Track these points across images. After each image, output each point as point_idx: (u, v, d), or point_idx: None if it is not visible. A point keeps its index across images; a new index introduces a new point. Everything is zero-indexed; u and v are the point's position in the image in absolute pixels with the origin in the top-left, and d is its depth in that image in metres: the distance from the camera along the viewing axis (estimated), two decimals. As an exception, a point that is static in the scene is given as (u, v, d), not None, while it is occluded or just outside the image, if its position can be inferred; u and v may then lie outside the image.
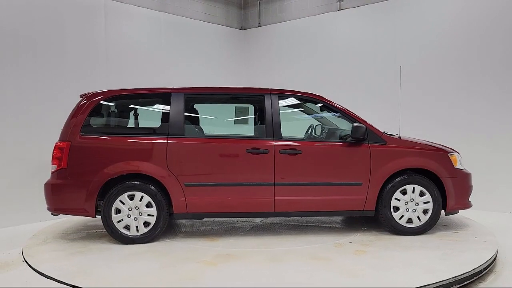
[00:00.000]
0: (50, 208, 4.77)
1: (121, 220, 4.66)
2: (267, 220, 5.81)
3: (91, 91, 5.00)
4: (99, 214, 4.73)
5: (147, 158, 4.69)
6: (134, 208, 4.66)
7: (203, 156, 4.76)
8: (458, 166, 5.04)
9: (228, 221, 5.76)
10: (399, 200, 4.89)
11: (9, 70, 6.11)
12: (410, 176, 4.88)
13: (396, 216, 4.89)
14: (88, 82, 6.46)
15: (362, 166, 4.84)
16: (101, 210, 4.69)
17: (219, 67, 8.99)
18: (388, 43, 7.66)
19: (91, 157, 4.68)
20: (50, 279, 3.76)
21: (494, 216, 6.22)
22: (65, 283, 3.64)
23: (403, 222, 4.90)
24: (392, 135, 5.12)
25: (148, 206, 4.68)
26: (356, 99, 7.52)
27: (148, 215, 4.68)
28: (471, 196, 5.11)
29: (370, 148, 4.86)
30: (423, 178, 4.89)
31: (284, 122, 4.91)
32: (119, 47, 7.35)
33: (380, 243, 4.63)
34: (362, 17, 8.02)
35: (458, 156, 5.13)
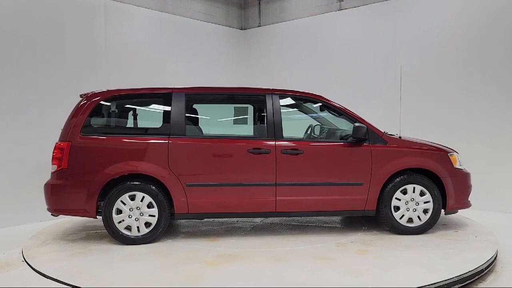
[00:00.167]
0: (50, 208, 4.74)
1: (122, 220, 4.64)
2: (267, 220, 5.81)
3: (91, 91, 4.97)
4: (99, 214, 4.71)
5: (148, 158, 4.66)
6: (135, 209, 4.64)
7: (204, 156, 4.75)
8: (457, 166, 5.07)
9: (228, 221, 5.75)
10: (400, 200, 4.91)
11: (9, 70, 6.08)
12: (410, 176, 4.90)
13: (396, 215, 4.91)
14: (88, 82, 6.43)
15: (363, 166, 4.85)
16: (101, 210, 4.67)
17: (219, 67, 8.97)
18: (388, 43, 7.67)
19: (91, 157, 4.65)
20: (53, 280, 3.73)
21: (494, 216, 6.23)
22: (67, 284, 3.62)
23: (403, 222, 4.92)
24: (392, 135, 5.14)
25: (149, 206, 4.66)
26: (356, 99, 7.52)
27: (149, 215, 4.66)
28: (470, 195, 5.14)
29: (371, 148, 4.88)
30: (423, 178, 4.91)
31: (285, 122, 4.91)
32: (119, 47, 7.32)
33: (381, 242, 4.64)
34: (362, 17, 8.02)
35: (458, 156, 5.16)
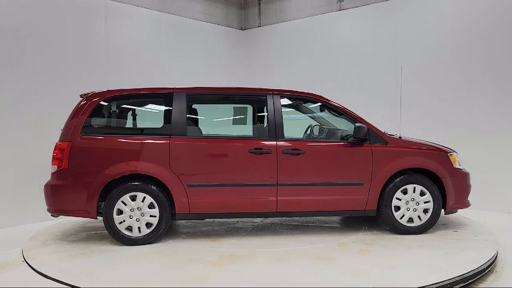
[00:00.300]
0: (50, 209, 4.71)
1: (123, 221, 4.62)
2: (267, 220, 5.81)
3: (91, 91, 4.95)
4: (100, 215, 4.68)
5: (149, 159, 4.64)
6: (136, 209, 4.62)
7: (205, 157, 4.74)
8: (457, 165, 5.10)
9: (228, 221, 5.74)
10: (400, 200, 4.92)
11: (9, 70, 6.06)
12: (411, 176, 4.92)
13: (397, 215, 4.92)
14: (88, 82, 6.41)
15: (364, 166, 4.87)
16: (102, 211, 4.64)
17: (219, 67, 8.97)
18: (388, 43, 7.69)
19: (92, 157, 4.63)
20: (55, 281, 3.71)
21: (494, 216, 6.26)
22: (70, 285, 3.60)
23: (404, 222, 4.94)
24: (393, 135, 5.16)
25: (151, 207, 4.64)
26: (356, 99, 7.51)
27: (151, 216, 4.65)
28: (469, 195, 5.17)
29: (371, 148, 4.89)
30: (423, 177, 4.94)
31: (286, 122, 4.91)
32: (119, 47, 7.31)
33: (382, 242, 4.66)
34: (363, 17, 8.04)
35: (457, 156, 5.19)
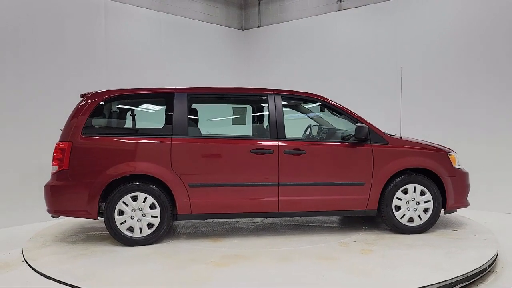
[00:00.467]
0: (50, 210, 4.67)
1: (124, 221, 4.59)
2: (267, 220, 5.81)
3: (92, 91, 4.92)
4: (100, 216, 4.65)
5: (151, 159, 4.63)
6: (138, 210, 4.60)
7: (207, 157, 4.74)
8: (456, 165, 5.14)
9: (228, 221, 5.73)
10: (401, 199, 4.95)
11: (9, 70, 6.02)
12: (411, 176, 4.95)
13: (397, 215, 4.95)
14: (88, 82, 6.37)
15: (365, 166, 4.88)
16: (103, 212, 4.61)
17: (219, 67, 8.96)
18: (389, 44, 7.71)
19: (93, 158, 4.60)
20: (57, 282, 3.68)
21: (494, 216, 6.28)
22: (72, 286, 3.57)
23: (404, 221, 4.96)
24: (393, 135, 5.18)
25: (152, 207, 4.62)
26: (356, 99, 7.50)
27: (152, 216, 4.63)
28: (469, 195, 5.21)
29: (372, 148, 4.91)
30: (423, 177, 4.96)
31: (287, 122, 4.92)
32: (119, 47, 7.29)
33: (383, 242, 4.68)
34: (363, 17, 8.06)
35: (456, 156, 5.23)
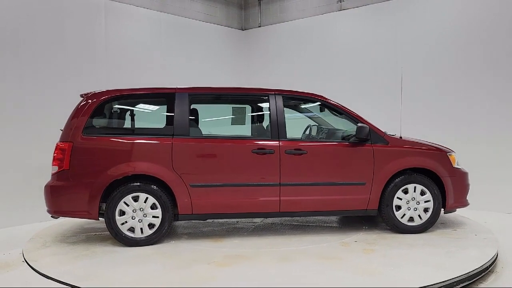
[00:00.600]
0: (50, 210, 4.65)
1: (125, 222, 4.58)
2: (267, 220, 5.81)
3: (92, 91, 4.90)
4: (101, 216, 4.64)
5: (152, 159, 4.61)
6: (139, 210, 4.59)
7: (208, 157, 4.73)
8: (456, 165, 5.17)
9: (228, 222, 5.73)
10: (401, 199, 4.96)
11: (9, 70, 5.99)
12: (411, 176, 4.96)
13: (398, 214, 4.96)
14: (88, 82, 6.36)
15: (366, 166, 4.90)
16: (104, 212, 4.60)
17: (219, 67, 8.96)
18: (389, 44, 7.72)
19: (94, 158, 4.58)
20: (58, 282, 3.66)
21: (494, 216, 6.30)
22: (73, 286, 3.56)
23: (405, 221, 4.98)
24: (393, 136, 5.20)
25: (153, 207, 4.61)
26: (357, 99, 7.51)
27: (153, 216, 4.61)
28: (468, 194, 5.23)
29: (373, 148, 4.92)
30: (424, 177, 4.98)
31: (288, 122, 4.92)
32: (119, 47, 7.28)
33: (384, 241, 4.69)
34: (363, 17, 8.07)
35: (456, 156, 5.26)
